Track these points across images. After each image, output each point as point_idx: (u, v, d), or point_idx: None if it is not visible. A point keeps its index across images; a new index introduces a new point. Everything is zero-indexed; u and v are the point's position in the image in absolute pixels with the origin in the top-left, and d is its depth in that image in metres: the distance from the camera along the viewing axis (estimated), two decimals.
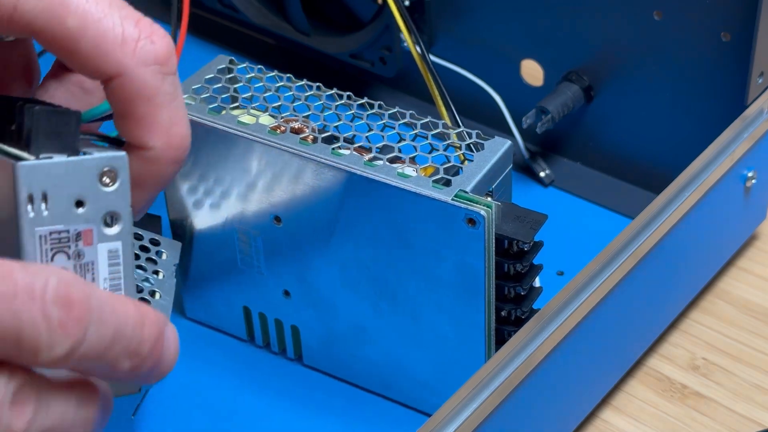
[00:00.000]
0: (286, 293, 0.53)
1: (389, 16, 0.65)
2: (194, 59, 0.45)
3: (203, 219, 0.53)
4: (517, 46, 0.65)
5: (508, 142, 0.49)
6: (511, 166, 0.49)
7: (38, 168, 0.35)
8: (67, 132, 0.36)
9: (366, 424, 0.53)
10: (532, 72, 0.65)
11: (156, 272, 0.48)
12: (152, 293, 0.47)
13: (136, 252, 0.48)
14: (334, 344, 0.53)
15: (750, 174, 0.59)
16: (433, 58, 0.64)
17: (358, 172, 0.47)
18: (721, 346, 0.59)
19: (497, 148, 0.49)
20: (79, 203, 0.36)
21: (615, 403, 0.56)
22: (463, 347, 0.48)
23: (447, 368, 0.50)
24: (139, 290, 0.46)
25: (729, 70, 0.58)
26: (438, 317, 0.49)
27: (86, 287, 0.33)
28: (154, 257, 0.48)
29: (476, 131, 0.49)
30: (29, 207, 0.35)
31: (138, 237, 0.48)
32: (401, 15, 0.56)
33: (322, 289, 0.52)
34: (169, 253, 0.49)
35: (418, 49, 0.55)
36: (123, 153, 0.37)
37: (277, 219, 0.51)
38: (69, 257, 0.36)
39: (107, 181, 0.37)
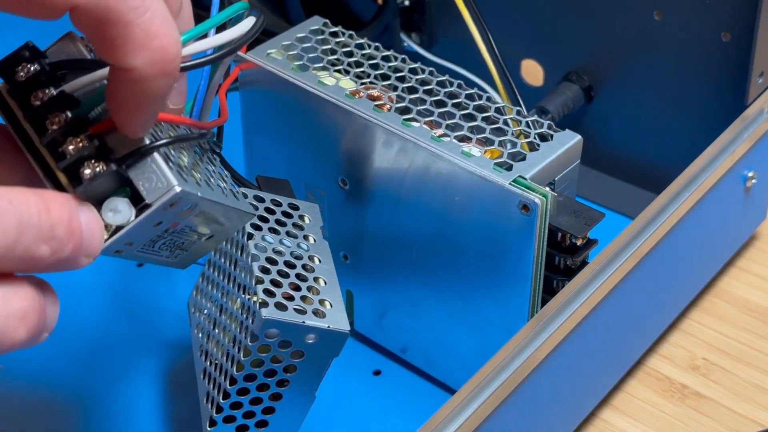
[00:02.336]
0: (345, 257, 0.54)
1: (389, 16, 0.65)
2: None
3: (277, 173, 0.54)
4: (517, 46, 0.65)
5: (578, 137, 0.49)
6: (579, 161, 0.50)
7: (111, 245, 0.37)
8: (117, 181, 0.38)
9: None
10: (532, 72, 0.65)
11: (306, 237, 0.47)
12: (311, 258, 0.46)
13: (281, 219, 0.47)
14: (385, 314, 0.54)
15: (750, 174, 0.59)
16: (433, 57, 0.65)
17: (423, 145, 0.48)
18: (721, 346, 0.59)
19: (566, 140, 0.49)
20: (158, 223, 0.38)
21: (615, 403, 0.56)
22: (506, 334, 0.48)
23: (490, 353, 0.50)
24: (298, 257, 0.46)
25: (729, 70, 0.58)
26: (485, 301, 0.50)
27: None
28: (299, 222, 0.48)
29: (548, 122, 0.50)
30: (117, 254, 0.38)
31: (276, 203, 0.48)
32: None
33: (378, 257, 0.53)
34: (310, 215, 0.48)
35: (486, 45, 0.57)
36: (174, 186, 0.38)
37: (343, 182, 0.52)
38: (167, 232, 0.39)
39: (171, 207, 0.38)
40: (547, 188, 0.47)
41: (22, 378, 0.56)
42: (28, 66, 0.38)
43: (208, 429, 0.46)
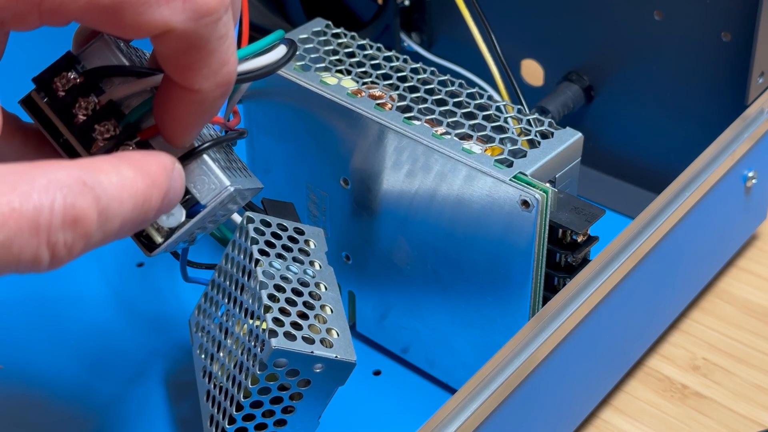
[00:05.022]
0: (347, 258, 0.54)
1: (389, 16, 0.65)
2: None
3: (279, 173, 0.55)
4: (517, 46, 0.65)
5: (579, 134, 0.49)
6: (580, 159, 0.50)
7: (167, 246, 0.40)
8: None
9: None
10: (532, 72, 0.65)
11: (312, 263, 0.47)
12: (317, 285, 0.46)
13: (287, 244, 0.47)
14: (386, 315, 0.54)
15: (750, 174, 0.59)
16: (433, 57, 0.65)
17: (424, 142, 0.48)
18: (721, 346, 0.59)
19: (567, 138, 0.49)
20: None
21: (615, 403, 0.56)
22: (508, 332, 0.48)
23: (491, 352, 0.50)
24: (305, 283, 0.46)
25: (729, 70, 0.58)
26: (486, 298, 0.50)
27: (93, 189, 0.32)
28: (304, 247, 0.48)
29: (549, 120, 0.50)
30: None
31: (283, 228, 0.48)
32: None
33: (379, 257, 0.53)
34: (315, 240, 0.48)
35: (487, 45, 0.57)
36: (228, 187, 0.40)
37: (345, 181, 0.52)
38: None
39: (222, 203, 0.40)
40: (548, 184, 0.47)
41: (27, 379, 0.56)
42: (69, 75, 0.38)
43: None
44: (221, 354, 0.47)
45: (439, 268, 0.51)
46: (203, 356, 0.49)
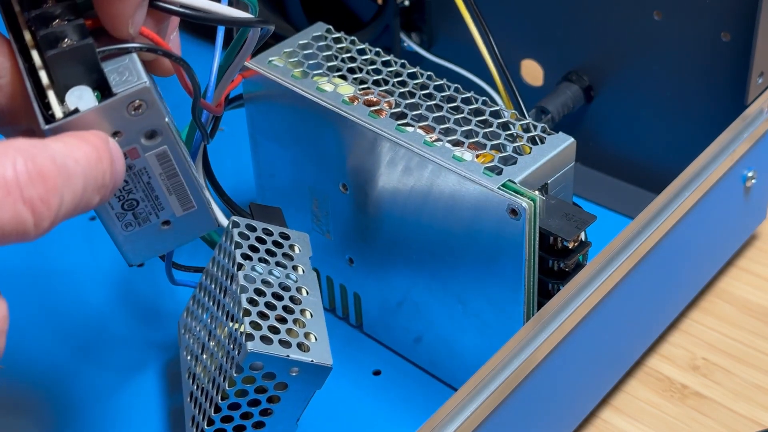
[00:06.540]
0: (351, 261, 0.55)
1: (389, 16, 0.65)
2: (193, 59, 0.45)
3: (283, 177, 0.55)
4: (517, 46, 0.65)
5: (571, 139, 0.49)
6: (573, 164, 0.50)
7: (63, 126, 0.38)
8: (88, 63, 0.38)
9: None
10: (532, 72, 0.65)
11: (295, 267, 0.47)
12: (299, 290, 0.47)
13: (271, 249, 0.47)
14: (390, 316, 0.55)
15: (750, 174, 0.59)
16: (433, 57, 0.65)
17: (415, 150, 0.48)
18: (721, 346, 0.59)
19: (558, 143, 0.49)
20: (116, 133, 0.39)
21: (615, 403, 0.56)
22: (503, 338, 0.48)
23: (489, 354, 0.50)
24: (286, 288, 0.46)
25: (729, 70, 0.58)
26: (481, 303, 0.50)
27: (45, 149, 0.34)
28: (289, 252, 0.48)
29: (542, 125, 0.49)
30: None
31: (268, 232, 0.48)
32: None
33: (381, 260, 0.53)
34: (300, 245, 0.48)
35: (486, 46, 0.57)
36: (144, 83, 0.39)
37: (344, 186, 0.52)
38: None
39: (135, 111, 0.39)
40: (537, 192, 0.47)
41: (27, 375, 0.56)
42: None
43: None
44: (204, 356, 0.48)
45: (437, 272, 0.51)
46: (189, 357, 0.50)
